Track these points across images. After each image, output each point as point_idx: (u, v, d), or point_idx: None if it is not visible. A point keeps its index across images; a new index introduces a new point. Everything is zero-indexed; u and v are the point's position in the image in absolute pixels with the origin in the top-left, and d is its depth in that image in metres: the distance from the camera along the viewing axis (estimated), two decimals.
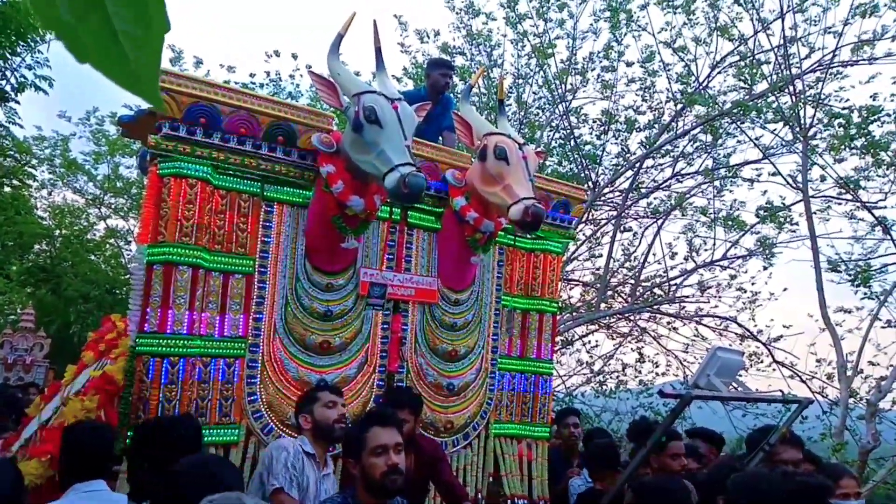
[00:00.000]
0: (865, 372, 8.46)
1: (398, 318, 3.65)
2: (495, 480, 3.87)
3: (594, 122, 10.04)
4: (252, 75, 11.13)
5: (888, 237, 8.40)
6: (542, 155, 4.71)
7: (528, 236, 4.11)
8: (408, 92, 5.44)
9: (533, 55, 9.70)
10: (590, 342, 10.98)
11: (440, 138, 4.80)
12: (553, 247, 4.26)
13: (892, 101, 8.22)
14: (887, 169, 8.33)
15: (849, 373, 8.15)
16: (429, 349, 3.74)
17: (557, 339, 10.49)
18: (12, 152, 10.47)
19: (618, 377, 10.75)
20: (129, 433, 2.76)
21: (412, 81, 10.25)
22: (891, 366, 8.09)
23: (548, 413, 4.11)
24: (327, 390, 3.02)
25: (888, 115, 8.18)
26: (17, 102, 8.99)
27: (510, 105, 10.16)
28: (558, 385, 10.68)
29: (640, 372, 10.65)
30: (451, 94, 5.33)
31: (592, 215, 10.52)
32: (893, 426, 8.18)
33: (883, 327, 8.42)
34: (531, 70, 10.11)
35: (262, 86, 11.09)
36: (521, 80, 10.20)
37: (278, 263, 3.35)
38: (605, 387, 10.66)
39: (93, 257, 14.82)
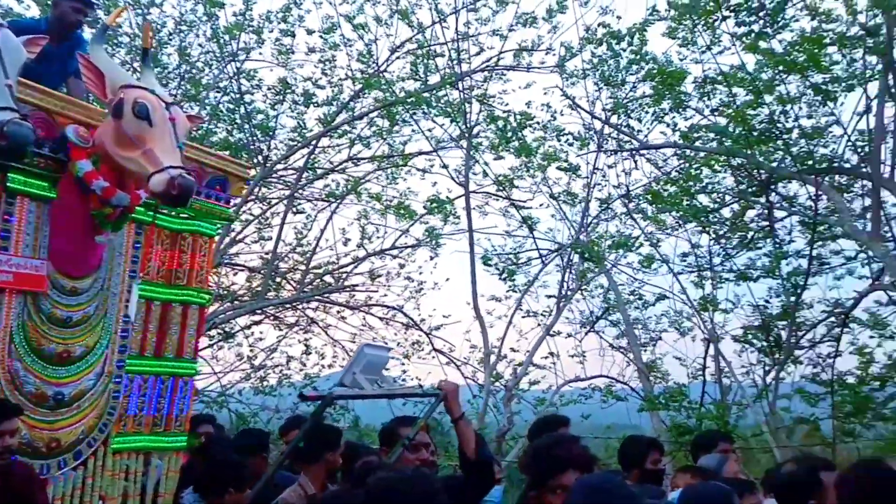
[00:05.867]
0: (509, 357, 10.05)
1: None
2: None
3: (269, 89, 9.92)
4: None
5: (531, 236, 10.13)
6: (197, 119, 4.47)
7: (174, 214, 3.85)
8: (21, 21, 4.63)
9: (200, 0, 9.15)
10: (253, 334, 10.88)
11: (65, 86, 4.21)
12: (205, 228, 4.06)
13: (542, 110, 9.85)
14: (535, 172, 9.98)
15: (493, 358, 9.60)
16: (30, 350, 3.25)
17: (216, 332, 10.14)
18: None
19: (281, 371, 10.87)
20: None
21: (37, 7, 8.78)
22: (528, 351, 9.78)
23: (185, 420, 3.93)
24: None
25: (538, 123, 9.82)
26: None
27: (171, 55, 9.46)
28: (213, 384, 10.36)
29: (304, 365, 10.91)
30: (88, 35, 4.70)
31: (263, 193, 10.41)
32: (531, 406, 9.92)
33: (524, 316, 10.13)
34: (198, 18, 9.52)
35: None
36: (185, 27, 9.54)
37: None
38: (265, 383, 10.66)
39: None
